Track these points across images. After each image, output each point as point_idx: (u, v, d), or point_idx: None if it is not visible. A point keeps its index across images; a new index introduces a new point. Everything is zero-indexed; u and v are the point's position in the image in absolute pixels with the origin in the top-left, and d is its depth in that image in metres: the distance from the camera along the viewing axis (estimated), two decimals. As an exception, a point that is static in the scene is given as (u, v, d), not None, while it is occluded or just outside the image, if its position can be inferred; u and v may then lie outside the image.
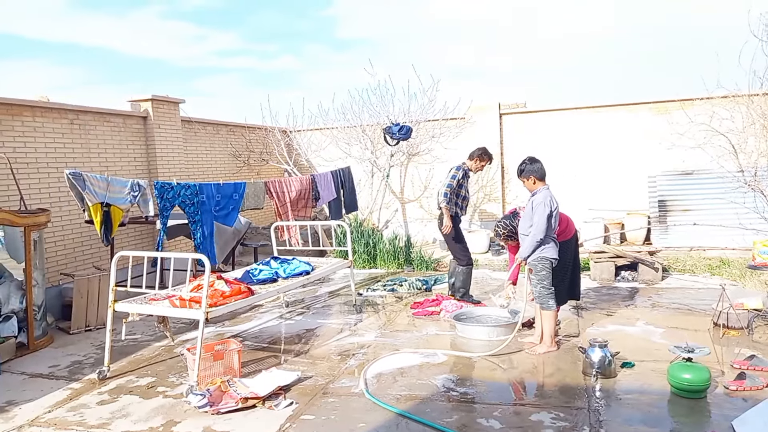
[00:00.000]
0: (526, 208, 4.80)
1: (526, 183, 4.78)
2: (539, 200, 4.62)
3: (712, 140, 7.55)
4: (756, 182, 6.57)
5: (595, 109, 9.96)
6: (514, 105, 10.75)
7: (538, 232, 4.56)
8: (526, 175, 4.75)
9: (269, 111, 11.81)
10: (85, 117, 7.24)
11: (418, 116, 9.87)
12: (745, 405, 3.59)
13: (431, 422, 3.56)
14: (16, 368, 4.92)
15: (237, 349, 4.46)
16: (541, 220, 4.56)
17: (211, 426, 3.66)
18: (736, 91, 7.13)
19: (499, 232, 5.07)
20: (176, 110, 8.72)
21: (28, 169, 6.40)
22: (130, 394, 4.26)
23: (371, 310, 6.41)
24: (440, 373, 4.41)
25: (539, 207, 4.59)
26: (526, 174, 4.75)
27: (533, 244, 4.62)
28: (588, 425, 3.46)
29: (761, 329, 4.95)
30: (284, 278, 5.58)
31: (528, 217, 4.69)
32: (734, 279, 6.91)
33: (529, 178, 4.74)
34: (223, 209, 6.41)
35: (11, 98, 6.25)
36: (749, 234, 7.49)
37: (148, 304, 4.61)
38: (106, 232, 6.00)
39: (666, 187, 8.82)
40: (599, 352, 4.14)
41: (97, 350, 5.32)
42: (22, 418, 3.92)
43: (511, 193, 10.55)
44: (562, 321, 5.63)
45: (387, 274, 8.38)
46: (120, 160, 7.77)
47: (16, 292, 5.43)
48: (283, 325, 6.02)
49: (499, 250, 9.06)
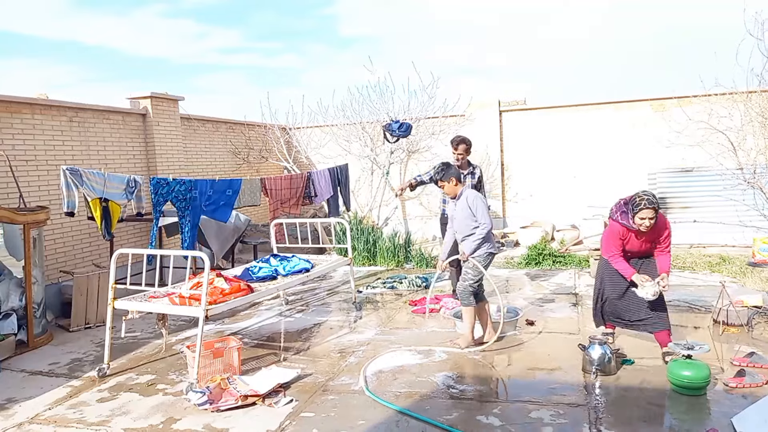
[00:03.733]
0: (457, 210, 4.85)
1: (448, 186, 4.86)
2: (473, 197, 4.76)
3: (711, 138, 7.55)
4: (755, 179, 6.58)
5: (594, 107, 9.95)
6: (513, 102, 10.73)
7: (489, 225, 4.70)
8: (447, 178, 4.84)
9: (269, 108, 11.77)
10: (85, 114, 7.23)
11: (418, 113, 9.86)
12: (744, 402, 3.59)
13: (431, 419, 3.56)
14: (15, 366, 4.91)
15: (237, 346, 4.46)
16: (486, 214, 4.71)
17: (211, 423, 3.66)
18: (734, 89, 7.13)
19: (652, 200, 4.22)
20: (176, 107, 8.71)
21: (27, 167, 6.39)
22: (129, 391, 4.26)
23: (371, 308, 6.42)
24: (440, 370, 4.41)
25: (477, 202, 4.73)
26: (447, 177, 4.83)
27: (479, 239, 4.72)
28: (588, 422, 3.46)
29: (761, 326, 4.95)
30: (284, 276, 5.57)
31: (465, 217, 4.75)
32: (734, 276, 6.92)
33: (450, 180, 4.84)
34: (212, 204, 6.36)
35: (10, 96, 6.24)
36: (749, 231, 7.50)
37: (148, 301, 4.61)
38: (106, 226, 6.00)
39: (666, 184, 8.82)
40: (599, 349, 4.14)
41: (96, 348, 5.32)
42: (22, 415, 3.92)
43: (511, 190, 10.55)
44: (562, 319, 5.64)
45: (387, 271, 8.39)
46: (119, 158, 7.76)
47: (16, 290, 5.43)
48: (283, 322, 6.02)
49: (498, 247, 9.06)
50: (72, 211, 5.66)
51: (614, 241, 4.41)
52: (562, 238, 9.15)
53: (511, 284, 7.23)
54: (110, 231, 6.09)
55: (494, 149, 10.45)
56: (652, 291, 4.22)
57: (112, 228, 6.13)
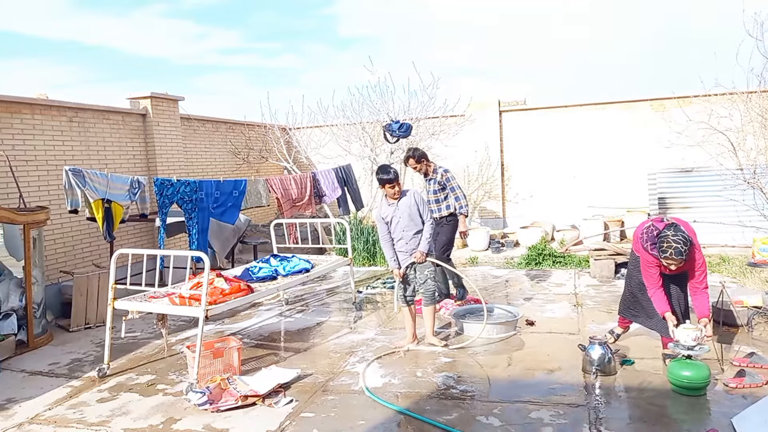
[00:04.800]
0: (401, 209, 4.84)
1: (396, 187, 4.81)
2: (419, 195, 4.91)
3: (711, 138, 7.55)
4: (755, 180, 6.58)
5: (594, 107, 9.95)
6: (513, 102, 10.74)
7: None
8: (391, 181, 4.78)
9: (269, 108, 11.79)
10: (85, 114, 7.23)
11: (418, 114, 9.85)
12: (744, 402, 3.59)
13: (431, 419, 3.56)
14: (15, 366, 4.92)
15: (237, 346, 4.46)
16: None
17: (211, 424, 3.66)
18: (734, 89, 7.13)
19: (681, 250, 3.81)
20: (175, 108, 8.71)
21: (27, 167, 6.39)
22: (129, 391, 4.26)
23: (371, 308, 6.42)
24: (440, 370, 4.41)
25: (421, 200, 4.90)
26: (391, 179, 4.78)
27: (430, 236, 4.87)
28: (588, 423, 3.46)
29: (761, 326, 4.95)
30: (284, 276, 5.57)
31: (413, 213, 4.83)
32: (734, 276, 6.92)
33: (397, 183, 4.82)
34: (221, 206, 6.39)
35: (10, 96, 6.24)
36: (749, 231, 7.49)
37: (148, 301, 4.61)
38: (108, 228, 6.00)
39: (666, 184, 8.81)
40: (599, 350, 4.15)
41: (96, 348, 5.32)
42: (22, 415, 3.92)
43: (511, 191, 10.55)
44: (562, 319, 5.64)
45: (387, 271, 8.38)
46: (119, 158, 7.76)
47: (16, 290, 5.43)
48: (283, 322, 6.02)
49: (498, 248, 9.06)
50: (76, 209, 5.66)
51: (651, 271, 4.04)
52: (562, 239, 9.15)
53: (511, 284, 7.22)
54: (111, 233, 6.08)
55: (494, 149, 10.45)
56: (693, 336, 3.83)
57: (114, 229, 6.12)
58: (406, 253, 4.93)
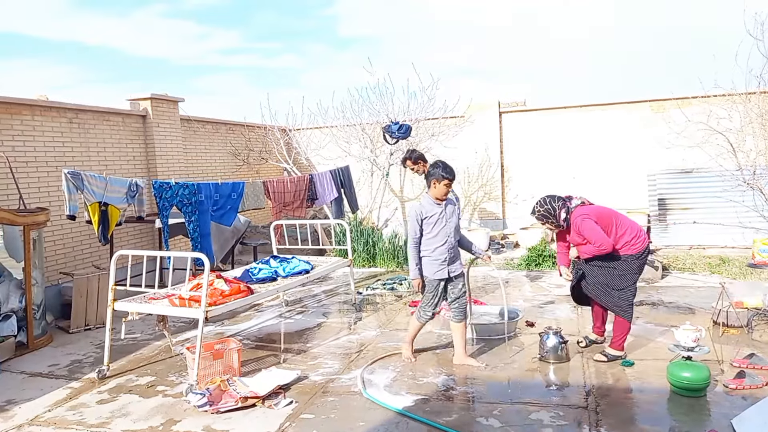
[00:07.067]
0: (448, 212, 4.58)
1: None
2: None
3: (711, 139, 7.55)
4: (755, 181, 6.58)
5: (594, 108, 9.95)
6: (513, 103, 10.74)
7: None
8: (452, 181, 4.51)
9: (269, 110, 11.82)
10: (84, 116, 7.23)
11: (417, 115, 9.85)
12: (744, 403, 3.59)
13: (431, 421, 3.56)
14: (15, 367, 4.91)
15: (236, 348, 4.46)
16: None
17: (211, 425, 3.66)
18: (733, 90, 7.14)
19: (534, 209, 4.76)
20: (175, 109, 8.71)
21: (27, 168, 6.40)
22: (129, 393, 4.26)
23: (371, 309, 6.42)
24: (440, 371, 4.41)
25: (411, 217, 4.58)
26: (452, 180, 4.52)
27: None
28: (587, 424, 3.46)
29: (761, 328, 4.95)
30: (284, 277, 5.57)
31: (456, 221, 4.58)
32: (734, 277, 6.92)
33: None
34: (221, 209, 6.40)
35: (10, 97, 6.24)
36: (749, 232, 7.50)
37: (148, 303, 4.61)
38: (103, 231, 6.00)
39: (666, 185, 8.82)
40: (553, 339, 4.51)
41: (96, 349, 5.32)
42: (21, 417, 3.92)
43: (511, 192, 10.55)
44: (562, 320, 5.64)
45: (386, 273, 8.38)
46: (119, 159, 7.76)
47: (16, 291, 5.42)
48: (283, 323, 6.02)
49: (498, 249, 9.07)
50: (74, 214, 5.66)
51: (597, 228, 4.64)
52: (562, 240, 9.14)
53: (511, 285, 7.22)
54: (107, 236, 6.08)
55: (494, 151, 10.46)
56: (692, 338, 3.97)
57: (109, 232, 6.12)
58: (444, 263, 4.43)
